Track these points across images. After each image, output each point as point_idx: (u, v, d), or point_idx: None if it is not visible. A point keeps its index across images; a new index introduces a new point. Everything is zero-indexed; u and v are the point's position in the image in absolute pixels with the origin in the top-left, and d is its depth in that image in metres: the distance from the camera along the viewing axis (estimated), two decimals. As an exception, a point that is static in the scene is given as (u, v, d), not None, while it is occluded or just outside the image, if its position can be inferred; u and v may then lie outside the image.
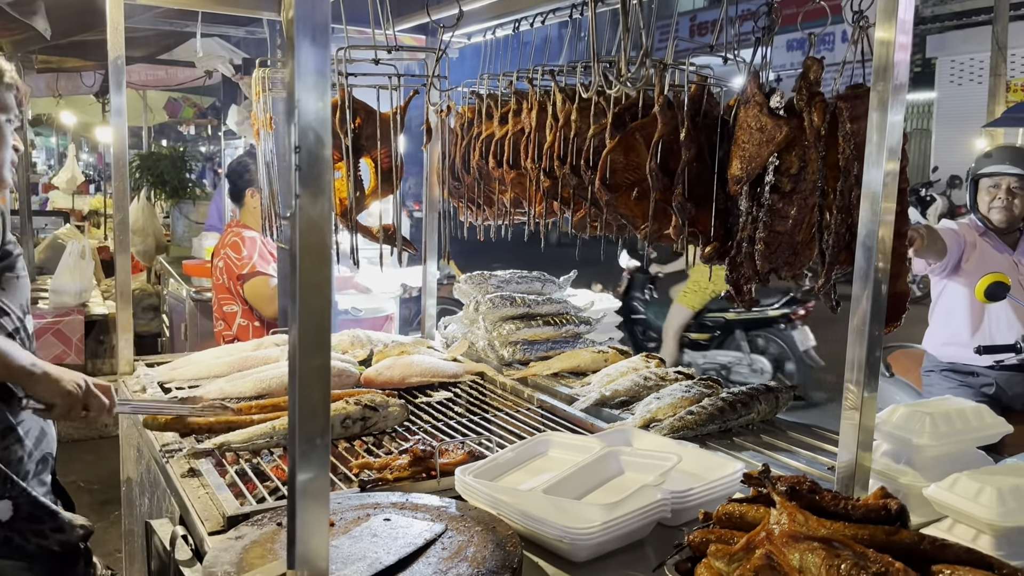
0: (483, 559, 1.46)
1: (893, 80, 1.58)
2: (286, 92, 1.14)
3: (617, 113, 2.22)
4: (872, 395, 1.64)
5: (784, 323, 6.48)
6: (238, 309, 3.59)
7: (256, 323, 3.59)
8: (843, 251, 1.85)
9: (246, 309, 3.58)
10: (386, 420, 2.28)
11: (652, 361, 2.75)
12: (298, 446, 1.14)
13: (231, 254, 3.55)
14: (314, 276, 1.13)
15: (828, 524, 1.39)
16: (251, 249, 3.55)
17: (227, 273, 3.56)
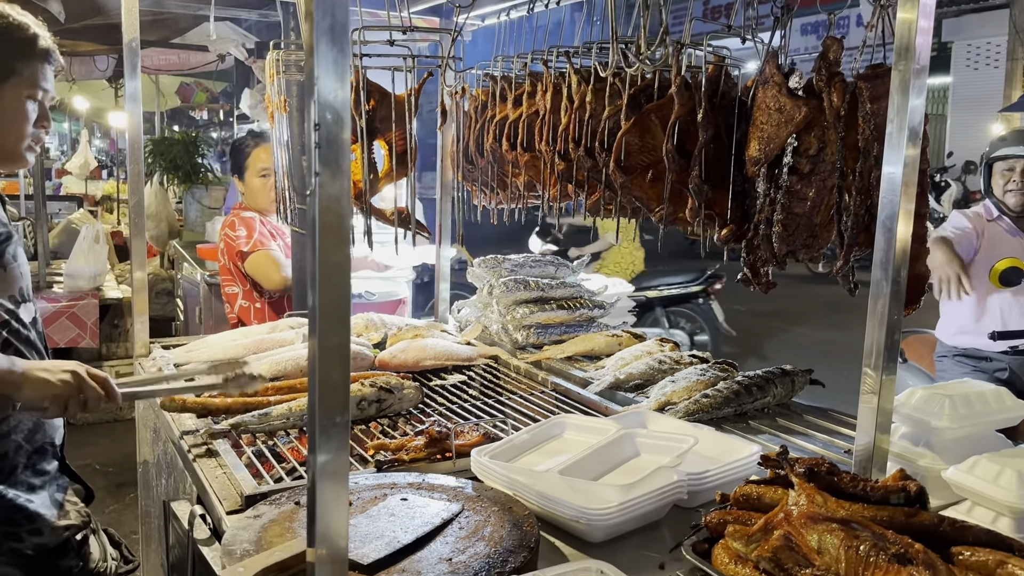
0: (500, 538, 1.47)
1: (915, 62, 1.56)
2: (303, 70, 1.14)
3: (632, 94, 2.20)
4: (891, 378, 1.63)
5: (701, 298, 7.03)
6: (239, 290, 3.58)
7: (257, 304, 3.56)
8: (862, 233, 1.83)
9: (247, 290, 3.56)
10: (401, 402, 2.29)
11: (667, 345, 2.75)
12: (318, 424, 1.14)
13: (229, 233, 3.54)
14: (333, 255, 1.13)
15: (847, 506, 1.39)
16: (249, 228, 3.52)
17: (227, 253, 3.55)
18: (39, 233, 5.93)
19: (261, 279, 3.49)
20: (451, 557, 1.41)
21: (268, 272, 3.46)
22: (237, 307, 3.58)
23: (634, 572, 1.36)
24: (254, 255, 3.47)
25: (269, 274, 3.46)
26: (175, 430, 2.13)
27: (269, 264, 3.45)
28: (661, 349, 2.70)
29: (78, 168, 8.96)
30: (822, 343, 8.53)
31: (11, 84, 1.78)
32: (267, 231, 3.58)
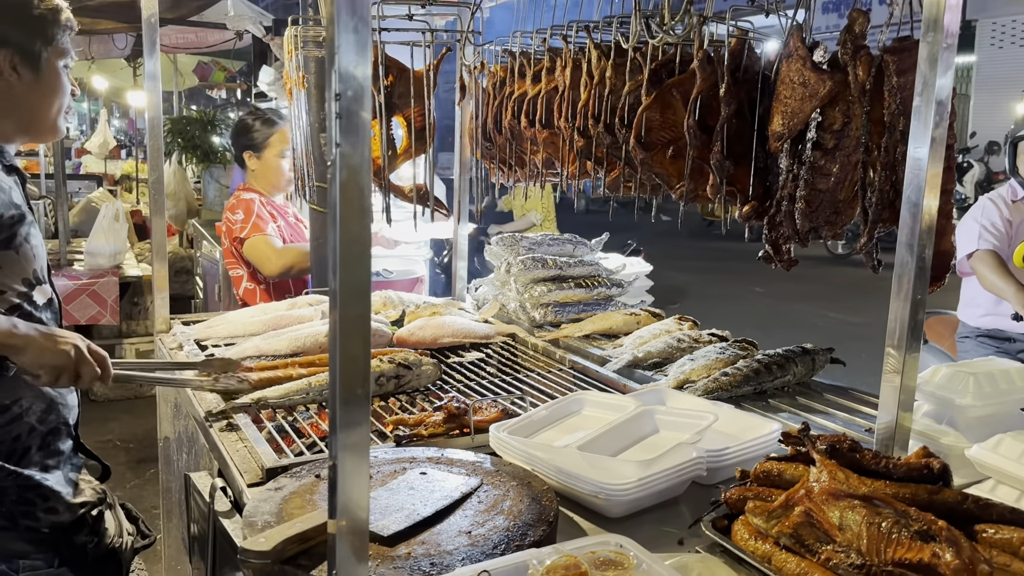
0: (519, 512, 1.47)
1: (943, 38, 1.53)
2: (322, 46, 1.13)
3: (653, 69, 2.18)
4: (914, 356, 1.61)
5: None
6: (243, 272, 3.54)
7: (262, 286, 3.54)
8: (886, 209, 1.81)
9: (250, 272, 3.53)
10: (419, 379, 2.29)
11: (685, 323, 2.73)
12: (339, 395, 1.14)
13: (229, 216, 3.50)
14: (354, 225, 1.12)
15: (869, 483, 1.38)
16: (247, 211, 3.46)
17: (228, 236, 3.53)
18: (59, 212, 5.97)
19: (257, 265, 3.43)
20: (470, 530, 1.41)
21: (264, 259, 3.40)
22: (242, 289, 3.55)
23: (653, 547, 1.36)
24: (250, 240, 3.40)
25: (264, 261, 3.40)
26: (197, 406, 2.15)
27: (266, 250, 3.39)
28: (680, 327, 2.69)
29: (97, 147, 9.01)
30: (840, 324, 8.48)
31: (49, 54, 1.78)
32: (266, 213, 3.50)
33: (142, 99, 9.46)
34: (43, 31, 1.77)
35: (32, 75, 1.77)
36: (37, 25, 1.77)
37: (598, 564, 1.26)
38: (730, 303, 9.35)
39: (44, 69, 1.78)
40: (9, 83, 1.75)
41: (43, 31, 1.77)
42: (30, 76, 1.77)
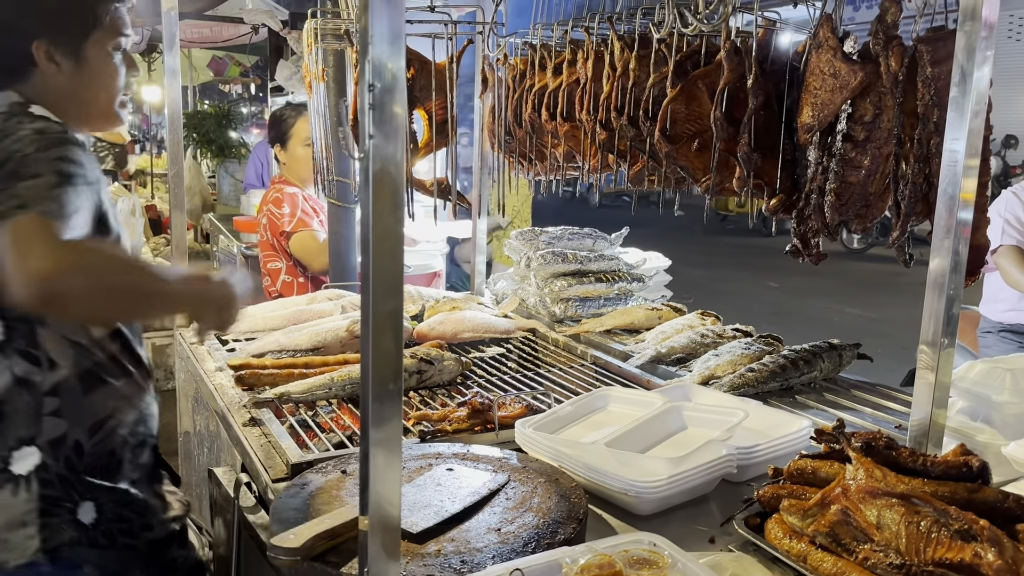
0: (548, 509, 1.45)
1: (981, 30, 1.50)
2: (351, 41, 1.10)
3: (679, 61, 2.15)
4: (949, 351, 1.59)
5: None
6: (282, 265, 3.59)
7: (301, 279, 3.58)
8: (920, 203, 1.78)
9: (290, 265, 3.58)
10: (441, 374, 2.27)
11: (708, 318, 2.71)
12: (372, 391, 1.12)
13: (273, 210, 3.54)
14: (387, 219, 1.11)
15: (907, 480, 1.35)
16: (292, 205, 3.53)
17: (271, 229, 3.56)
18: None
19: (305, 260, 3.51)
20: (500, 527, 1.40)
21: (312, 254, 3.49)
22: (280, 282, 3.60)
23: (683, 545, 1.34)
24: (298, 235, 3.49)
25: (313, 256, 3.49)
26: (219, 400, 2.14)
27: (314, 246, 3.48)
28: (703, 322, 2.66)
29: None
30: (856, 320, 8.42)
31: (94, 39, 1.62)
32: (309, 208, 3.58)
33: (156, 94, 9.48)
34: (83, 15, 1.61)
35: (72, 64, 1.61)
36: (75, 8, 1.61)
37: (632, 563, 1.24)
38: (745, 298, 9.29)
39: (88, 57, 1.62)
40: (47, 75, 1.60)
41: (83, 15, 1.61)
42: (70, 66, 1.61)
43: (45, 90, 1.59)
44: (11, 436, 1.52)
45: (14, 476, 1.52)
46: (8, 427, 1.52)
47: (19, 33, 1.58)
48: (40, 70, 1.59)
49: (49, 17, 1.59)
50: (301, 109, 3.63)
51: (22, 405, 1.52)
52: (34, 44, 1.58)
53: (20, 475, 1.52)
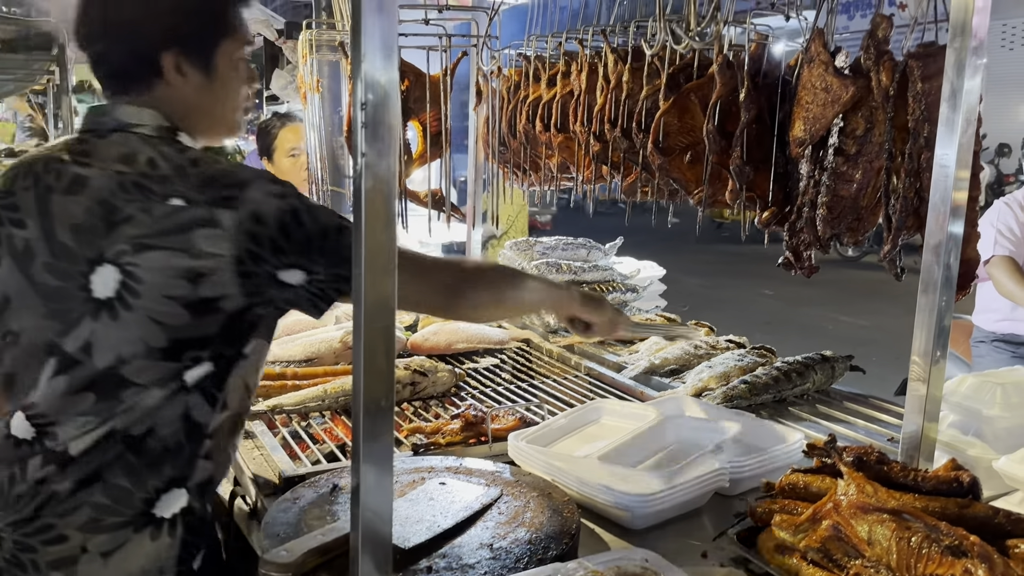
0: (540, 524, 1.45)
1: (972, 41, 1.51)
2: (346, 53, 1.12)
3: (671, 74, 2.16)
4: (940, 365, 1.59)
5: None
6: None
7: None
8: (911, 216, 1.78)
9: None
10: (435, 385, 2.27)
11: (701, 329, 2.71)
12: (363, 407, 1.12)
13: None
14: (379, 236, 1.11)
15: (898, 496, 1.36)
16: None
17: None
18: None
19: None
20: (492, 543, 1.40)
21: None
22: None
23: (675, 560, 1.34)
24: None
25: None
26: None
27: None
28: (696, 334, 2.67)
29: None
30: (851, 328, 8.44)
31: (224, 47, 1.49)
32: None
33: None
34: (215, 23, 1.48)
35: (202, 76, 1.47)
36: (207, 16, 1.47)
37: (624, 579, 1.24)
38: (740, 306, 9.31)
39: (217, 67, 1.48)
40: (173, 87, 1.45)
41: (215, 23, 1.48)
42: (199, 78, 1.47)
43: (168, 102, 1.46)
44: (163, 476, 1.39)
45: (156, 519, 1.39)
46: (163, 467, 1.39)
47: (147, 42, 1.44)
48: (165, 81, 1.45)
49: (180, 26, 1.45)
50: (285, 119, 3.62)
51: (185, 446, 1.41)
52: (163, 55, 1.43)
53: (164, 518, 1.39)
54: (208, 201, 1.33)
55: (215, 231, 1.31)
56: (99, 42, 1.45)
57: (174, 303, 1.33)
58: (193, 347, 1.38)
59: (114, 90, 1.47)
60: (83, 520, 1.35)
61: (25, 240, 1.39)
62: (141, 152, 1.38)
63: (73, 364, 1.35)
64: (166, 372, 1.36)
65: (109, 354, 1.34)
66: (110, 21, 1.44)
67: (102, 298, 1.33)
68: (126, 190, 1.35)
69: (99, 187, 1.36)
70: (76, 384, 1.35)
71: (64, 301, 1.36)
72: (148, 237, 1.32)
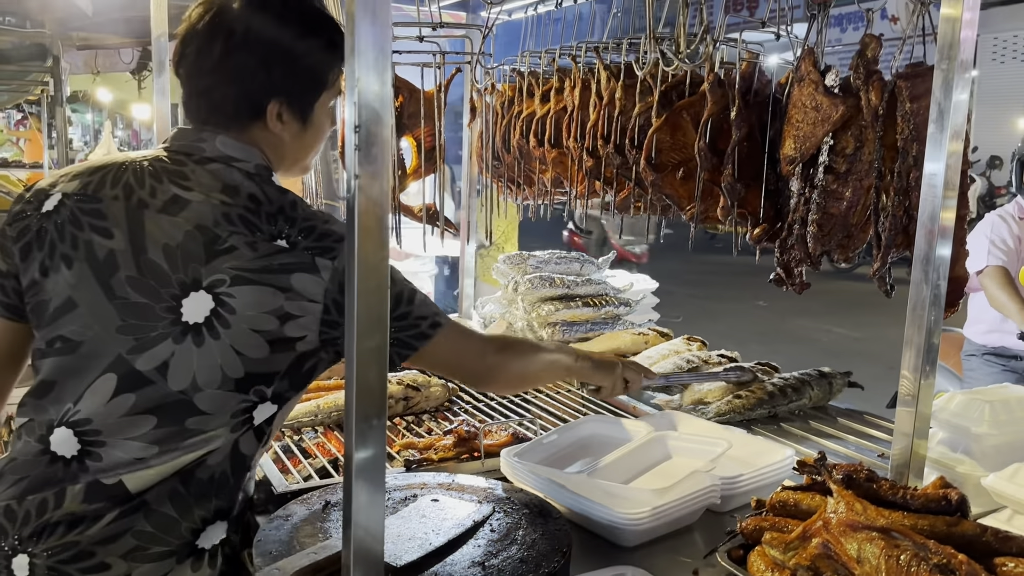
0: (533, 542, 1.46)
1: (959, 58, 1.53)
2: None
3: (663, 91, 2.18)
4: (929, 382, 1.60)
5: None
6: None
7: None
8: (900, 234, 1.80)
9: None
10: (428, 400, 2.28)
11: (694, 344, 2.72)
12: (355, 427, 1.13)
13: None
14: (371, 257, 1.12)
15: (887, 514, 1.36)
16: None
17: None
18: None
19: None
20: (484, 561, 1.40)
21: None
22: None
23: (667, 577, 1.35)
24: None
25: None
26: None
27: None
28: (688, 348, 2.68)
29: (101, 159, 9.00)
30: (844, 340, 8.47)
31: (322, 100, 1.53)
32: None
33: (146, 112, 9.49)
34: (320, 78, 1.50)
35: (299, 125, 1.50)
36: (315, 71, 1.50)
37: (615, 597, 1.25)
38: (733, 317, 9.33)
39: (313, 118, 1.52)
40: (269, 132, 1.48)
41: (320, 78, 1.50)
42: (297, 127, 1.50)
43: (261, 143, 1.48)
44: (210, 507, 1.39)
45: (198, 550, 1.38)
46: (210, 498, 1.39)
47: (260, 86, 1.45)
48: (264, 125, 1.47)
49: (291, 77, 1.47)
50: None
51: (231, 478, 1.41)
52: (271, 102, 1.46)
53: (205, 549, 1.39)
54: (310, 248, 1.36)
55: (314, 277, 1.35)
56: (208, 77, 1.46)
57: (259, 337, 1.35)
58: (261, 382, 1.40)
59: (212, 123, 1.47)
60: (127, 549, 1.32)
61: (109, 250, 1.38)
62: (244, 186, 1.41)
63: (143, 383, 1.34)
64: (232, 403, 1.38)
65: (185, 378, 1.34)
66: (229, 61, 1.44)
67: (191, 323, 1.34)
68: (231, 221, 1.36)
69: (202, 212, 1.37)
70: (141, 405, 1.34)
71: (145, 319, 1.35)
72: (249, 272, 1.34)
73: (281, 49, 1.45)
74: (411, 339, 1.44)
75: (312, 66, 1.49)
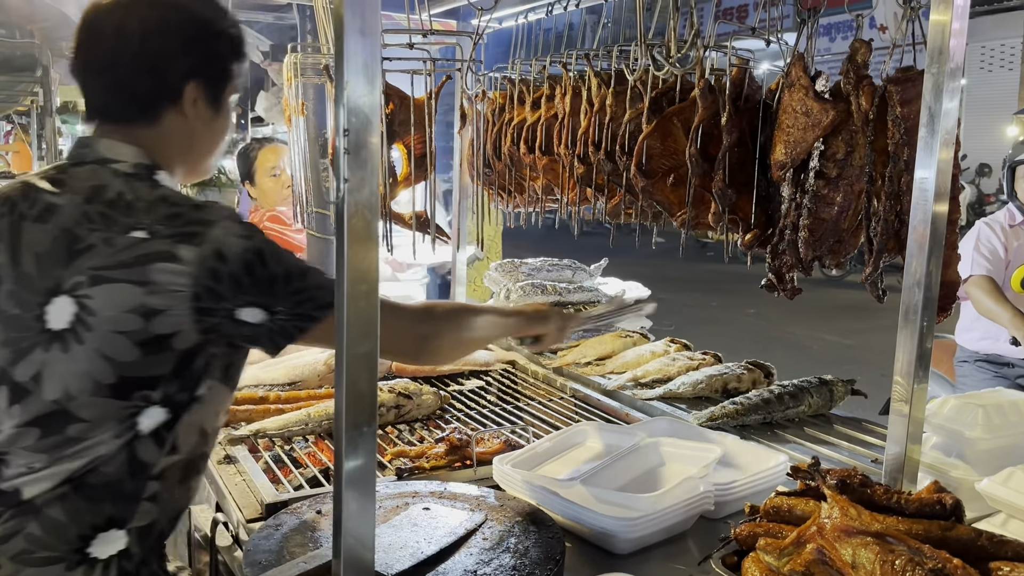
0: (525, 550, 1.45)
1: (949, 64, 1.54)
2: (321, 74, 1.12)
3: (654, 97, 2.18)
4: (922, 387, 1.60)
5: None
6: None
7: None
8: (891, 239, 1.80)
9: None
10: (419, 408, 2.26)
11: (673, 345, 2.73)
12: (345, 434, 1.12)
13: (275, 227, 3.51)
14: (361, 263, 1.11)
15: (881, 519, 1.35)
16: (282, 223, 3.52)
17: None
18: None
19: None
20: (476, 570, 1.39)
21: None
22: None
23: (662, 585, 1.34)
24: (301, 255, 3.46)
25: None
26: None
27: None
28: (667, 351, 2.69)
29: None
30: (835, 347, 8.48)
31: (228, 92, 1.52)
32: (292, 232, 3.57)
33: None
34: (230, 66, 1.51)
35: (212, 113, 1.49)
36: (228, 60, 1.50)
37: (608, 605, 1.23)
38: (725, 325, 9.34)
39: (223, 107, 1.52)
40: (187, 119, 1.46)
41: (230, 66, 1.51)
42: (209, 114, 1.49)
43: (170, 136, 1.46)
44: (102, 514, 1.35)
45: (90, 559, 1.34)
46: (102, 504, 1.35)
47: (177, 68, 1.43)
48: (179, 112, 1.45)
49: (210, 60, 1.46)
50: (264, 142, 3.64)
51: (127, 486, 1.36)
52: (190, 84, 1.44)
53: (98, 559, 1.34)
54: (171, 235, 1.30)
55: (175, 266, 1.29)
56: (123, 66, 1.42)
57: (125, 339, 1.29)
58: (143, 386, 1.34)
59: (116, 119, 1.45)
60: (16, 551, 1.31)
61: None
62: (111, 185, 1.37)
63: (24, 395, 1.33)
64: (114, 410, 1.33)
65: (57, 387, 1.31)
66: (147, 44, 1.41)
67: (55, 329, 1.31)
68: (91, 220, 1.33)
69: (66, 216, 1.35)
70: (26, 416, 1.32)
71: (20, 330, 1.33)
72: (106, 269, 1.30)
73: (196, 30, 1.44)
74: (312, 310, 1.34)
75: (225, 51, 1.49)
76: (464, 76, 2.59)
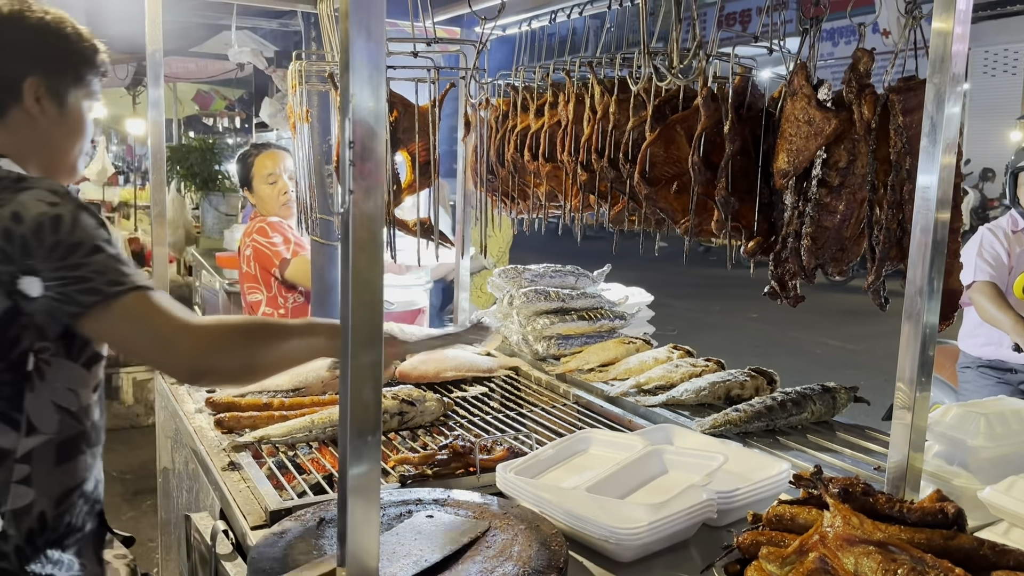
0: (528, 558, 1.45)
1: (951, 71, 1.54)
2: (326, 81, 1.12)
3: (657, 105, 2.19)
4: (925, 395, 1.60)
5: None
6: (262, 297, 3.56)
7: (280, 311, 3.56)
8: (894, 247, 1.80)
9: (271, 296, 3.54)
10: (423, 415, 2.27)
11: (677, 352, 2.73)
12: (349, 443, 1.12)
13: (261, 240, 3.50)
14: (366, 272, 1.12)
15: (883, 527, 1.36)
16: (283, 233, 3.52)
17: (257, 260, 3.53)
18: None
19: (304, 283, 3.47)
20: (479, 577, 1.39)
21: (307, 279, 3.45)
22: (260, 313, 3.57)
23: (665, 593, 1.34)
24: (297, 260, 3.45)
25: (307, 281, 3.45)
26: (198, 443, 2.12)
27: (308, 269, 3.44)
28: (670, 357, 2.69)
29: (96, 174, 9.00)
30: (839, 352, 8.47)
31: (77, 95, 1.61)
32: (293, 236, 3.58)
33: (141, 127, 9.51)
34: (76, 68, 1.60)
35: (57, 110, 1.57)
36: (71, 60, 1.59)
37: (611, 613, 1.24)
38: (728, 330, 9.34)
39: (70, 106, 1.59)
40: (32, 116, 1.54)
41: (76, 68, 1.60)
42: (55, 111, 1.57)
43: (16, 132, 1.53)
44: None
45: None
46: None
47: (13, 65, 1.51)
48: (23, 109, 1.53)
49: (50, 58, 1.54)
50: (261, 148, 3.66)
51: None
52: (28, 80, 1.52)
53: None
54: None
55: None
56: None
57: None
58: None
59: None
60: None
61: None
62: None
63: None
64: None
65: None
66: None
67: None
68: None
69: None
70: None
71: None
72: None
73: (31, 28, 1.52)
74: (78, 294, 1.33)
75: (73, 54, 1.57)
76: (468, 84, 2.60)
